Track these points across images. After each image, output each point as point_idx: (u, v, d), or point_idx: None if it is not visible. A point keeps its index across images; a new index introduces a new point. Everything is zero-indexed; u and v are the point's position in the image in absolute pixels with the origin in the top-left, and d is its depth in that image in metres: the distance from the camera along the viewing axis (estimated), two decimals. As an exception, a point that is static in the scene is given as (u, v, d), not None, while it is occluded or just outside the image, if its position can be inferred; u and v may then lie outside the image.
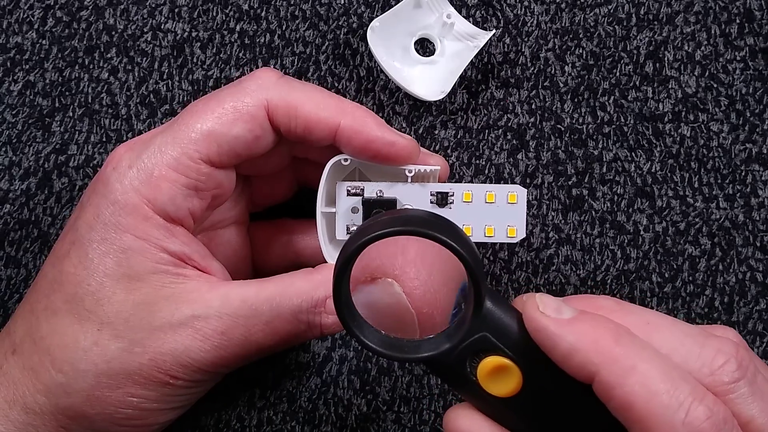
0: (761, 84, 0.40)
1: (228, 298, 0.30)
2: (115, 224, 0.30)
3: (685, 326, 0.26)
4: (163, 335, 0.30)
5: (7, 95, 0.40)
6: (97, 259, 0.30)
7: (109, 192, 0.30)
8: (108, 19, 0.40)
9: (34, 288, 0.32)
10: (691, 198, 0.39)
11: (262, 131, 0.31)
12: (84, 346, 0.30)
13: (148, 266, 0.30)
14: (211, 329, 0.30)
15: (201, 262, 0.31)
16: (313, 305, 0.31)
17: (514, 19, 0.40)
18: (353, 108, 0.32)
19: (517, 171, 0.39)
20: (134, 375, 0.30)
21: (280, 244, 0.37)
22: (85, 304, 0.30)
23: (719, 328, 0.27)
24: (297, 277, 0.31)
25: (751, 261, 0.39)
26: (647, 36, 0.40)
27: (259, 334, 0.30)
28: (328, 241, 0.33)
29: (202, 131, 0.31)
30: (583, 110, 0.40)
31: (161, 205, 0.30)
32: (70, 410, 0.30)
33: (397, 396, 0.38)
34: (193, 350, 0.30)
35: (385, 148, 0.31)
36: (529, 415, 0.26)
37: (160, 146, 0.31)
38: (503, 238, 0.33)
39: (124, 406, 0.30)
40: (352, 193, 0.33)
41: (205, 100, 0.32)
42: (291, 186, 0.37)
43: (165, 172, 0.30)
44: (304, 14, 0.40)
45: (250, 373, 0.38)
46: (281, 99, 0.31)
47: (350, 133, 0.31)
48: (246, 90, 0.31)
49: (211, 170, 0.31)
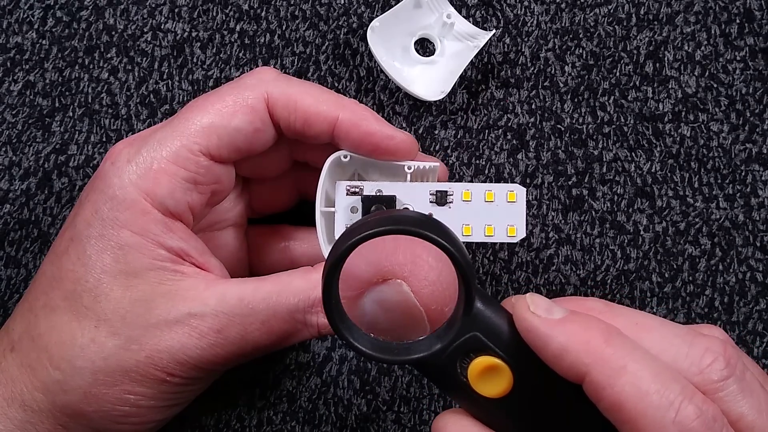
0: (761, 84, 0.40)
1: (225, 297, 0.30)
2: (112, 220, 0.30)
3: (674, 326, 0.26)
4: (160, 332, 0.30)
5: (7, 95, 0.40)
6: (95, 255, 0.30)
7: (107, 187, 0.30)
8: (108, 19, 0.40)
9: (32, 285, 0.32)
10: (691, 198, 0.39)
11: (262, 124, 0.31)
12: (81, 343, 0.30)
13: (145, 263, 0.30)
14: (207, 327, 0.30)
15: (199, 258, 0.31)
16: (309, 305, 0.30)
17: (514, 19, 0.40)
18: (352, 103, 0.32)
19: (517, 171, 0.39)
20: (131, 372, 0.30)
21: (277, 250, 0.37)
22: (83, 301, 0.30)
23: (706, 327, 0.27)
24: (294, 276, 0.31)
25: (751, 261, 0.39)
26: (647, 36, 0.40)
27: (256, 332, 0.30)
28: (327, 240, 0.33)
29: (202, 124, 0.31)
30: (583, 110, 0.40)
31: (160, 199, 0.30)
32: (67, 408, 0.30)
33: (397, 396, 0.38)
34: (190, 348, 0.30)
35: (384, 141, 0.31)
36: (519, 416, 0.26)
37: (159, 140, 0.31)
38: (503, 238, 0.33)
39: (121, 403, 0.30)
40: (351, 192, 0.32)
41: (205, 96, 0.32)
42: (291, 195, 0.37)
43: (164, 165, 0.30)
44: (304, 14, 0.40)
45: (250, 373, 0.38)
46: (281, 92, 0.31)
47: (348, 126, 0.31)
48: (246, 85, 0.32)
49: (210, 164, 0.31)
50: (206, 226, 0.34)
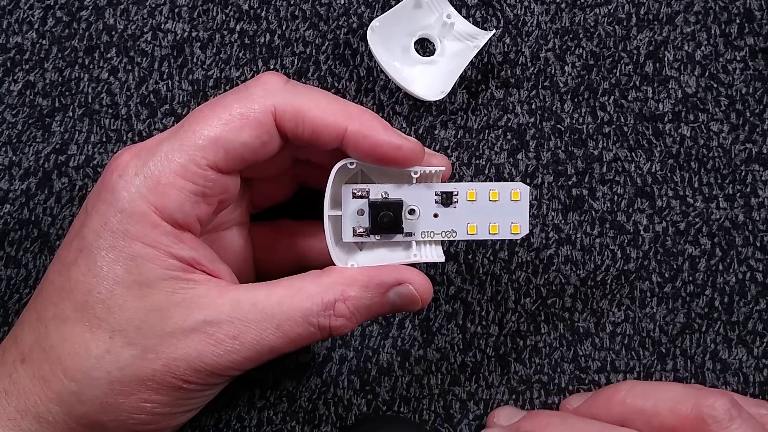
0: (761, 84, 0.40)
1: (239, 303, 0.30)
2: (123, 232, 0.30)
3: None
4: (176, 341, 0.30)
5: (7, 95, 0.40)
6: (107, 266, 0.30)
7: (115, 200, 0.30)
8: (108, 19, 0.40)
9: (39, 295, 0.32)
10: (691, 198, 0.39)
11: (269, 137, 0.31)
12: (96, 354, 0.30)
13: (158, 273, 0.30)
14: (224, 334, 0.30)
15: (210, 266, 0.31)
16: (323, 308, 0.31)
17: (514, 19, 0.40)
18: (360, 112, 0.32)
19: (517, 171, 0.39)
20: (147, 381, 0.30)
21: (284, 247, 0.37)
22: (95, 312, 0.30)
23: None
24: (306, 280, 0.31)
25: (751, 261, 0.39)
26: (647, 36, 0.40)
27: (271, 336, 0.30)
28: (335, 243, 0.33)
29: (210, 138, 0.30)
30: (583, 110, 0.40)
31: (169, 213, 0.30)
32: (83, 418, 0.30)
33: (397, 396, 0.38)
34: (207, 355, 0.30)
35: (393, 152, 0.31)
36: None
37: (167, 153, 0.30)
38: (507, 235, 0.33)
39: (138, 411, 0.30)
40: (357, 196, 0.33)
41: (212, 105, 0.31)
42: (291, 187, 0.37)
43: (172, 180, 0.30)
44: (304, 14, 0.40)
45: (250, 373, 0.38)
46: (289, 104, 0.31)
47: (358, 137, 0.31)
48: (253, 96, 0.31)
49: (218, 176, 0.31)
50: (211, 227, 0.35)
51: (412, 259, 0.33)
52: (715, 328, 0.38)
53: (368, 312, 0.32)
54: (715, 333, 0.38)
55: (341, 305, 0.31)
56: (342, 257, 0.33)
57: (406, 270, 0.32)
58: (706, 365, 0.38)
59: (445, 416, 0.38)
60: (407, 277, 0.32)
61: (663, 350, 0.38)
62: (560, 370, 0.38)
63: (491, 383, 0.38)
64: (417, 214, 0.33)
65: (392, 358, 0.38)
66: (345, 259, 0.33)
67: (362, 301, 0.31)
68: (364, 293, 0.31)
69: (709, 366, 0.38)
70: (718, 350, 0.38)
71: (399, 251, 0.34)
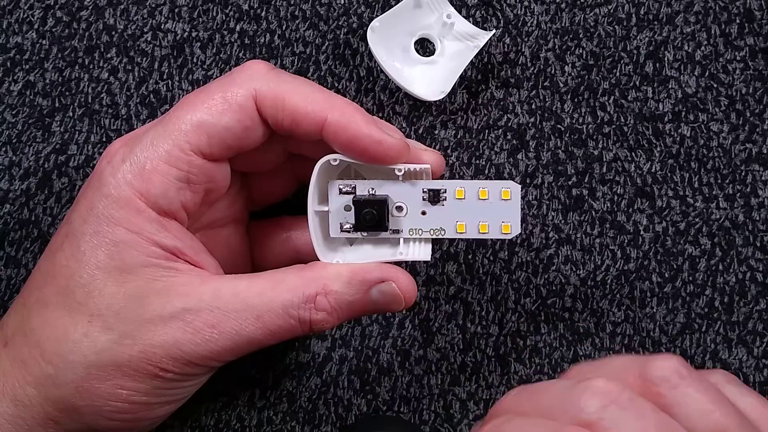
0: (761, 84, 0.40)
1: (219, 292, 0.30)
2: (107, 217, 0.30)
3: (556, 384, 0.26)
4: (154, 327, 0.30)
5: (7, 95, 0.40)
6: (89, 251, 0.30)
7: (102, 185, 0.31)
8: (108, 19, 0.40)
9: (28, 282, 0.32)
10: (691, 198, 0.39)
11: (251, 122, 0.31)
12: (74, 337, 0.30)
13: (139, 259, 0.30)
14: (202, 322, 0.30)
15: (194, 256, 0.31)
16: (303, 300, 0.31)
17: (514, 19, 0.40)
18: (342, 103, 0.31)
19: (517, 171, 0.39)
20: (124, 367, 0.30)
21: (278, 241, 0.37)
22: (76, 296, 0.30)
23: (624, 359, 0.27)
24: (288, 272, 0.31)
25: (751, 261, 0.39)
26: (647, 36, 0.40)
27: (251, 327, 0.30)
28: (321, 239, 0.33)
29: (192, 122, 0.31)
30: (583, 110, 0.40)
31: (154, 198, 0.30)
32: (59, 402, 0.30)
33: (397, 396, 0.38)
34: (184, 343, 0.30)
35: (372, 146, 0.31)
36: None
37: (152, 140, 0.31)
38: (497, 234, 0.32)
39: (114, 398, 0.30)
40: (344, 192, 0.32)
41: (197, 92, 0.32)
42: (290, 184, 0.37)
43: (157, 165, 0.30)
44: (304, 14, 0.40)
45: (250, 373, 0.38)
46: (269, 90, 0.31)
47: (337, 128, 0.31)
48: (235, 80, 0.31)
49: (203, 162, 0.31)
50: (207, 223, 0.35)
51: (398, 257, 0.33)
52: (715, 328, 0.38)
53: (350, 308, 0.32)
54: (715, 333, 0.38)
55: (322, 299, 0.31)
56: (328, 253, 0.33)
57: (391, 268, 0.32)
58: (706, 365, 0.38)
59: (445, 416, 0.38)
60: (392, 275, 0.32)
61: (663, 350, 0.38)
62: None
63: (491, 383, 0.38)
64: (404, 211, 0.33)
65: (392, 358, 0.38)
66: (331, 255, 0.33)
67: (344, 297, 0.31)
68: (346, 288, 0.31)
69: (709, 366, 0.38)
70: (718, 350, 0.38)
71: (386, 249, 0.33)
